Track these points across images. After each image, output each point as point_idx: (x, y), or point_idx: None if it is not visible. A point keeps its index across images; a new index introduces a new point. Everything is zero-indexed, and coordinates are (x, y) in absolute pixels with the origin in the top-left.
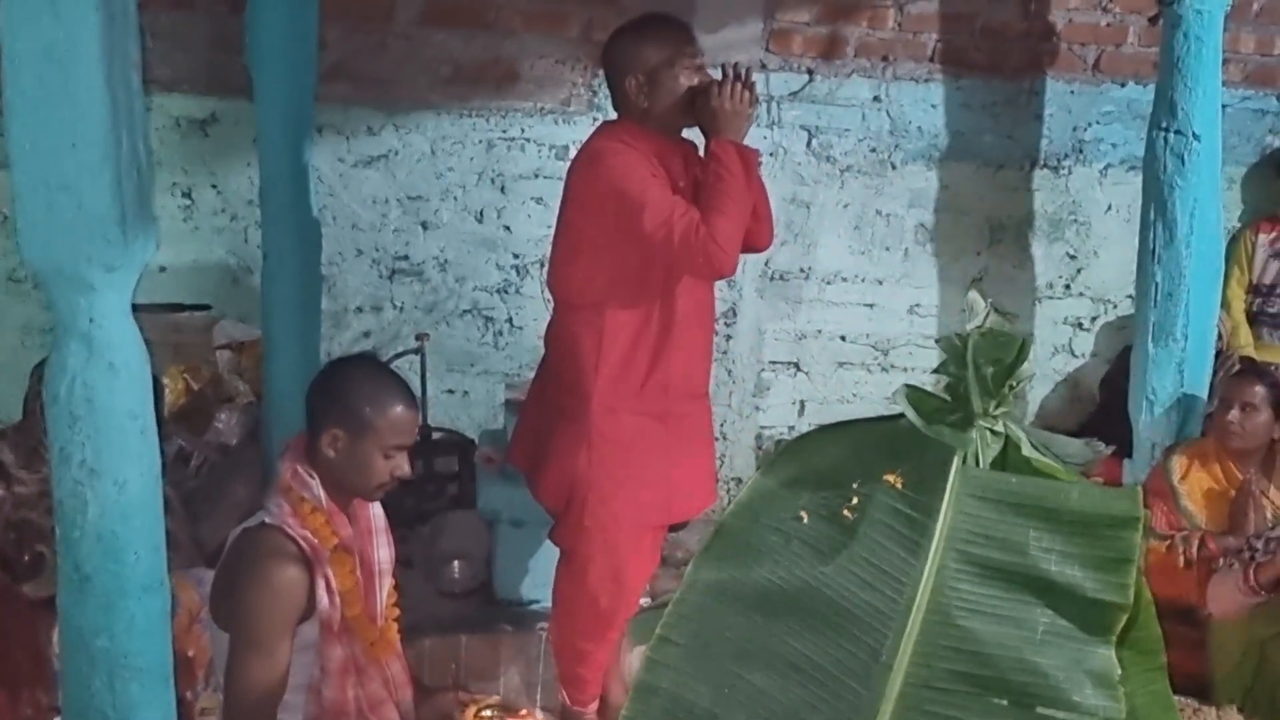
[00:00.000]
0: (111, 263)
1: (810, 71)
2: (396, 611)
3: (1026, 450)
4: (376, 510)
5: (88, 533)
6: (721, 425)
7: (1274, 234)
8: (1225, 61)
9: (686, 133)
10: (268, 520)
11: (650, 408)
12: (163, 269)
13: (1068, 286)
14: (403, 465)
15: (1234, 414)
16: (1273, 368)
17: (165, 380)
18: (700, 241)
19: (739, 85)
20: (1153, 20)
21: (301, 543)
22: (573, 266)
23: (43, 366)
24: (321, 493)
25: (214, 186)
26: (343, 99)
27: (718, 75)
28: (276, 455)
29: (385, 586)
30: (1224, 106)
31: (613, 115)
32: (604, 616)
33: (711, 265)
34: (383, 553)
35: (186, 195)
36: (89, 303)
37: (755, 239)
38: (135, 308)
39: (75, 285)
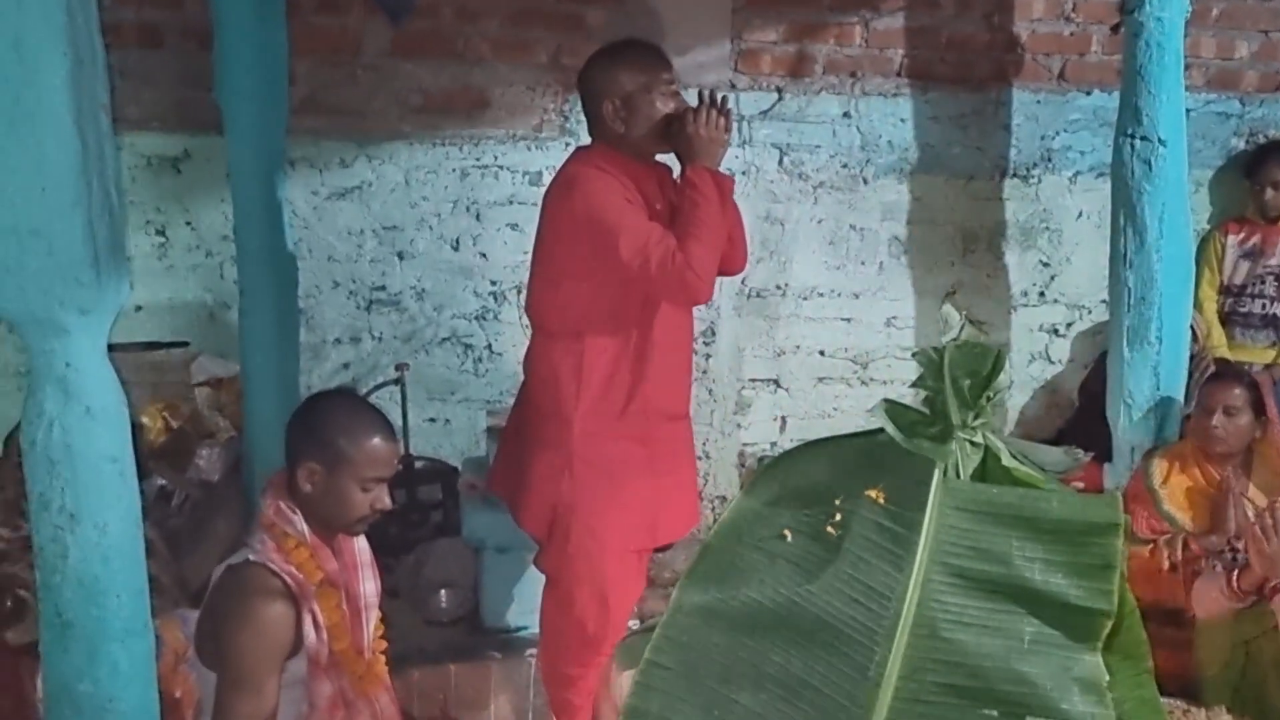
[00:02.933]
0: (85, 306)
1: (779, 90)
2: (384, 644)
3: (1006, 460)
4: (361, 544)
5: (68, 578)
6: (704, 444)
7: (1243, 234)
8: (1187, 67)
9: (660, 156)
10: (252, 557)
11: (631, 432)
12: (139, 308)
13: (1042, 294)
14: (383, 498)
15: (1218, 418)
16: (1247, 367)
17: (145, 419)
18: (677, 269)
19: (714, 112)
20: (1114, 29)
21: (287, 578)
22: (550, 294)
23: (15, 436)
24: (305, 528)
25: (188, 223)
26: (314, 132)
27: (691, 98)
28: (258, 490)
29: (372, 620)
30: (1188, 111)
31: (586, 140)
32: (591, 642)
33: (687, 292)
34: (368, 586)
35: (160, 233)
36: (64, 347)
37: (729, 264)
38: (112, 347)
39: (49, 330)
